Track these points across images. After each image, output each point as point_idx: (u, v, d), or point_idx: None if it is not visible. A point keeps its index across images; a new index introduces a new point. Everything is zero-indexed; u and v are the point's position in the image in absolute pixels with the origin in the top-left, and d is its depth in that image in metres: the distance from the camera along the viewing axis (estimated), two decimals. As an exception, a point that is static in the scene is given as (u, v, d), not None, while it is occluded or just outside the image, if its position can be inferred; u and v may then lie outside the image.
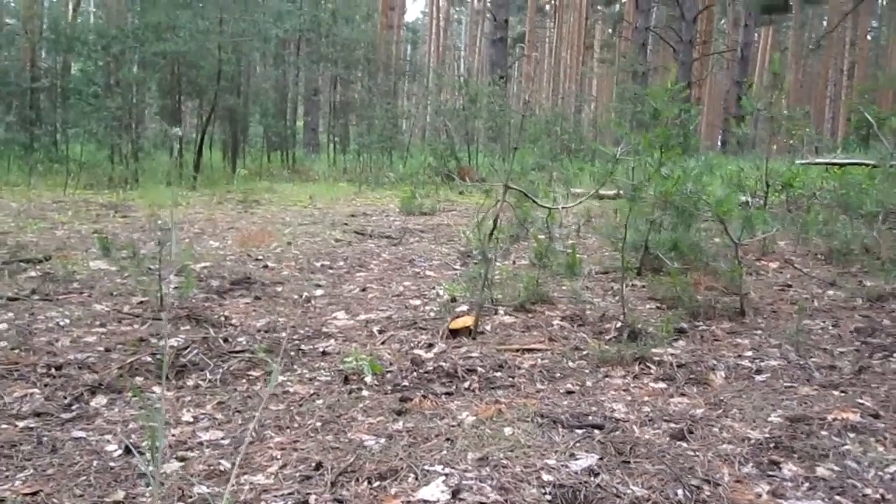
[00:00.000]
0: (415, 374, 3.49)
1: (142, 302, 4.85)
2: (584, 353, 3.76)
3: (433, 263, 6.30)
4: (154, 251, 6.48)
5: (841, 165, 11.62)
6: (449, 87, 21.47)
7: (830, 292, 5.04)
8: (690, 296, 4.49)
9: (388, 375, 3.52)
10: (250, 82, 17.16)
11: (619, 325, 4.12)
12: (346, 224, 8.33)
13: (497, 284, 4.80)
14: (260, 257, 6.30)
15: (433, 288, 5.41)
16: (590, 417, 2.96)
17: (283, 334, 4.30)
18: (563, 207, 3.89)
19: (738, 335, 4.07)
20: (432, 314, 4.58)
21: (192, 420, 3.07)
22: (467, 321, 4.10)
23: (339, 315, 4.70)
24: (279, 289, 5.32)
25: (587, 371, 3.53)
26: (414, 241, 7.37)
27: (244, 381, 3.54)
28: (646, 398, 3.18)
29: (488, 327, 4.22)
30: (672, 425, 2.88)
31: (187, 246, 6.69)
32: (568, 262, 4.25)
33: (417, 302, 4.95)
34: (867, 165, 10.71)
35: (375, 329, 4.34)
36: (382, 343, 4.07)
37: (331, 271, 5.96)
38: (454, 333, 4.09)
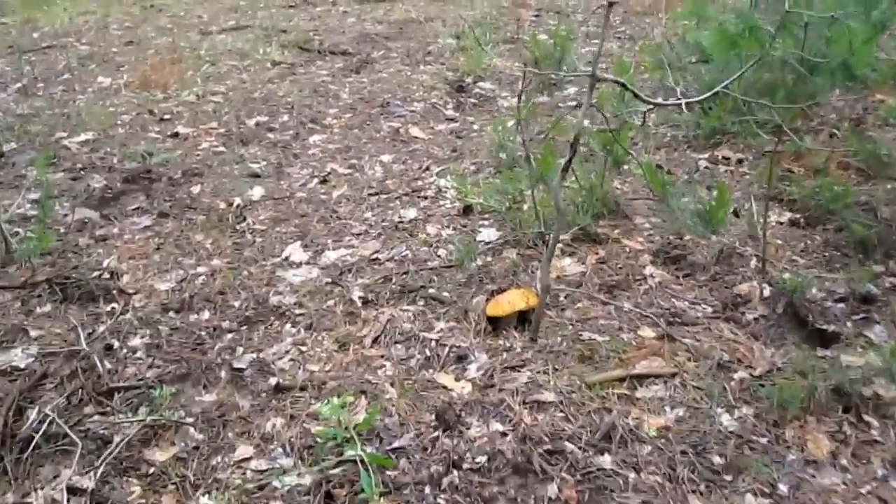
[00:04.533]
0: (455, 474, 1.89)
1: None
2: (737, 379, 2.16)
3: (416, 108, 4.45)
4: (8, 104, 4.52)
5: None
6: None
7: None
8: (847, 205, 2.86)
9: (406, 469, 1.91)
10: None
11: (764, 289, 2.49)
12: (284, 31, 6.23)
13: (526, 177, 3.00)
14: (167, 115, 4.37)
15: (427, 169, 3.66)
16: None
17: (206, 315, 2.61)
18: (686, 102, 2.11)
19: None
20: (442, 252, 2.89)
21: None
22: (516, 302, 2.41)
23: (292, 253, 2.99)
24: (195, 189, 3.51)
25: (764, 440, 1.95)
26: (380, 61, 5.40)
27: (140, 490, 1.92)
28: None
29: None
30: None
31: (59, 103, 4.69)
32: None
33: (412, 213, 3.22)
34: None
35: (356, 295, 2.66)
36: (374, 342, 2.42)
37: (271, 136, 4.11)
38: (494, 323, 2.44)
